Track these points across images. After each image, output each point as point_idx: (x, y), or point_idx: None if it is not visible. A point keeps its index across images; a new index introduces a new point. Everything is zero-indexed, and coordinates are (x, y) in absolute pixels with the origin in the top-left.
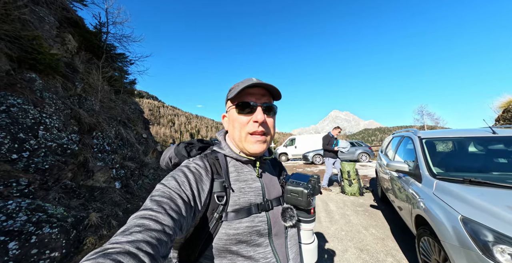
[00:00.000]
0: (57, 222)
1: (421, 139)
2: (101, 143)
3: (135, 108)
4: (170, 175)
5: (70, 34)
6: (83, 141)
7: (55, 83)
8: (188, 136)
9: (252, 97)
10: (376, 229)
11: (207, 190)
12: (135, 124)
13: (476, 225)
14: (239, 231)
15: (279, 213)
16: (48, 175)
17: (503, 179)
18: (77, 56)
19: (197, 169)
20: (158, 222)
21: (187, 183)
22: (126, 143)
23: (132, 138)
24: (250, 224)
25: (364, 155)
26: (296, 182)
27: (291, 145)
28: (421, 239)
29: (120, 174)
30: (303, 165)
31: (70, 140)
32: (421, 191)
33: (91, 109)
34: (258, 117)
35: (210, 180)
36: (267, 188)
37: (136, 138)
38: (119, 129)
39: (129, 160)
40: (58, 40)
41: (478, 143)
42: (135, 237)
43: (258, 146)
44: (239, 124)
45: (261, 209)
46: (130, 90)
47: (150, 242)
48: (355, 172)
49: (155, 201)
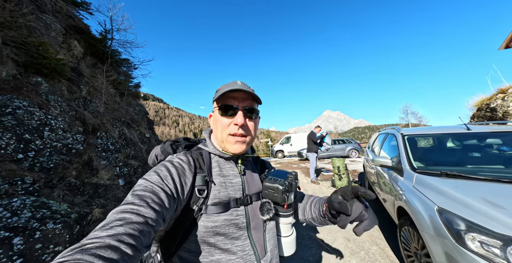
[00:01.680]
0: (61, 218)
1: (403, 136)
2: (105, 143)
3: (140, 110)
4: (153, 170)
5: (76, 40)
6: (88, 141)
7: (60, 86)
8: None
9: (234, 100)
10: None
11: (189, 183)
12: (138, 125)
13: (450, 215)
14: (217, 224)
15: (257, 207)
16: (53, 174)
17: (475, 172)
18: (82, 61)
19: (180, 164)
20: (140, 215)
21: (169, 177)
22: (129, 143)
23: (135, 138)
24: (228, 217)
25: (354, 151)
26: (273, 179)
27: (287, 143)
28: (402, 228)
29: (124, 172)
30: (298, 161)
31: (75, 140)
32: (402, 184)
33: (96, 111)
34: (238, 120)
35: (192, 174)
36: (248, 184)
37: (140, 137)
38: (123, 130)
39: (132, 159)
40: (64, 46)
41: (455, 139)
42: (116, 231)
43: (238, 146)
44: (221, 125)
45: (240, 203)
46: (135, 92)
47: (132, 234)
48: (345, 167)
49: (137, 196)
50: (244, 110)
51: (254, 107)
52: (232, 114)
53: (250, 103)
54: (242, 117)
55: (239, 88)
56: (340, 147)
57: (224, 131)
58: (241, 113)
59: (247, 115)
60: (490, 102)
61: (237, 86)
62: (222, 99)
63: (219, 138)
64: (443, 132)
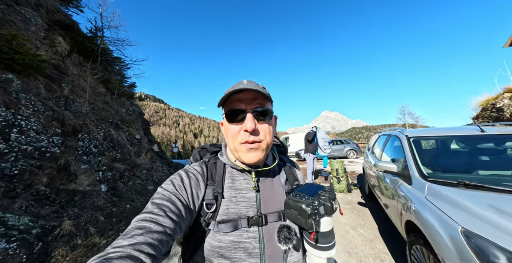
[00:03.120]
0: (17, 235)
1: (408, 138)
2: (87, 145)
3: (134, 110)
4: (169, 179)
5: (61, 37)
6: (67, 144)
7: (37, 84)
8: (191, 136)
9: (241, 103)
10: (364, 229)
11: (201, 196)
12: (129, 126)
13: (482, 242)
14: (221, 244)
15: (275, 231)
16: (16, 181)
17: (499, 182)
18: (68, 59)
19: (194, 174)
20: (159, 224)
21: (183, 187)
22: (116, 145)
23: (123, 140)
24: (236, 239)
25: (352, 152)
26: (300, 195)
27: (285, 143)
28: (413, 247)
29: (107, 176)
30: (297, 162)
31: (51, 143)
32: (411, 194)
33: (79, 111)
34: (247, 126)
35: (204, 186)
36: (264, 200)
37: (129, 139)
38: (109, 131)
39: (119, 162)
40: (46, 42)
41: (466, 142)
42: (137, 240)
43: (253, 155)
44: (231, 134)
45: (252, 223)
46: (129, 93)
47: (151, 244)
48: (343, 170)
49: (155, 204)
50: (253, 113)
51: (266, 107)
52: (241, 119)
53: (260, 103)
54: (252, 121)
55: (244, 88)
56: (338, 147)
57: (235, 140)
58: (251, 116)
59: (258, 118)
60: (496, 101)
61: (242, 85)
62: (228, 103)
63: (232, 148)
64: (455, 134)
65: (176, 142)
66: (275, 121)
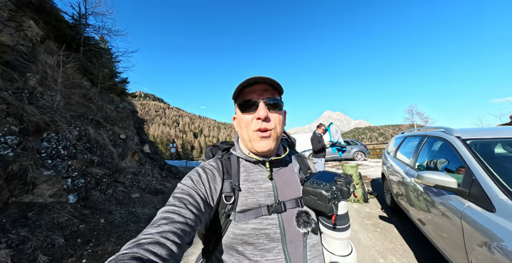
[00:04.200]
0: None
1: (463, 141)
2: (54, 147)
3: (124, 107)
4: (187, 175)
5: (32, 20)
6: (25, 145)
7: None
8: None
9: (253, 94)
10: (396, 256)
11: (219, 189)
12: (114, 124)
13: None
14: (244, 232)
15: (294, 217)
16: None
17: None
18: (41, 46)
19: (210, 170)
20: (181, 215)
21: (200, 182)
22: (94, 146)
23: (104, 140)
24: (257, 226)
25: (360, 153)
26: (317, 182)
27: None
28: None
29: (78, 184)
30: None
31: (3, 144)
32: (496, 226)
33: (48, 106)
34: (260, 114)
35: (221, 180)
36: (280, 188)
37: (112, 139)
38: (87, 129)
39: (97, 166)
40: (11, 25)
41: None
42: (163, 229)
43: (265, 143)
44: (244, 123)
45: (272, 211)
46: (120, 88)
47: (175, 232)
48: (359, 176)
49: (176, 198)
50: (265, 103)
51: (276, 98)
52: (254, 109)
53: (271, 94)
54: (264, 109)
55: (256, 79)
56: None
57: (248, 129)
58: (263, 105)
59: (269, 108)
60: None
61: (254, 77)
62: (241, 96)
63: (245, 138)
64: None
65: (173, 142)
66: (284, 115)
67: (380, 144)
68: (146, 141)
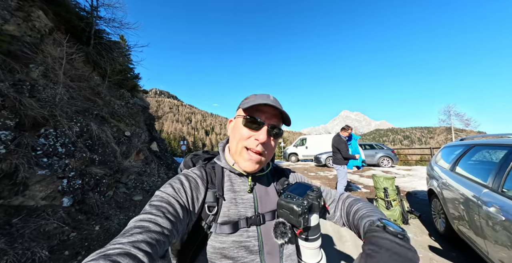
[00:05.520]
0: None
1: None
2: (51, 144)
3: (135, 103)
4: (168, 183)
5: (42, 11)
6: (20, 141)
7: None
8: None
9: (262, 115)
10: None
11: (201, 199)
12: (120, 120)
13: None
14: (224, 245)
15: (272, 228)
16: None
17: None
18: (49, 38)
19: (193, 178)
20: (157, 224)
21: (182, 190)
22: (96, 143)
23: (108, 137)
24: (237, 239)
25: (386, 159)
26: (290, 196)
27: (302, 145)
28: None
29: (75, 186)
30: (315, 167)
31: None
32: None
33: (50, 100)
34: (260, 137)
35: (205, 190)
36: (260, 200)
37: (115, 136)
38: (89, 125)
39: (98, 165)
40: (19, 15)
41: None
42: (136, 238)
43: (250, 164)
44: (240, 135)
45: (251, 223)
46: (131, 84)
47: (149, 242)
48: (396, 191)
49: (154, 206)
50: (269, 127)
51: (280, 127)
52: (256, 128)
53: (277, 122)
54: (265, 134)
55: (272, 104)
56: (368, 153)
57: (241, 142)
58: (266, 129)
59: (270, 133)
60: None
61: (269, 101)
62: (250, 110)
63: (233, 149)
64: None
65: (184, 140)
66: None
67: (406, 148)
68: (156, 138)
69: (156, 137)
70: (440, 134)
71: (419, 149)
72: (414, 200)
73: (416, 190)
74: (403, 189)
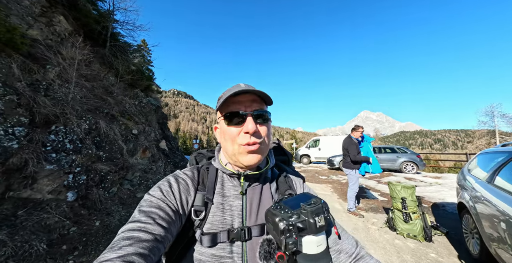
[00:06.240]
0: None
1: None
2: (60, 140)
3: (148, 102)
4: (157, 185)
5: (63, 16)
6: (32, 137)
7: (9, 62)
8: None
9: (240, 105)
10: None
11: (191, 201)
12: (130, 118)
13: None
14: (202, 258)
15: (258, 246)
16: None
17: None
18: (68, 41)
19: (183, 179)
20: (148, 232)
21: (171, 192)
22: (104, 140)
23: (115, 134)
24: (217, 253)
25: (410, 164)
26: (280, 207)
27: (315, 147)
28: None
29: (80, 181)
30: (327, 170)
31: (9, 135)
32: None
33: (63, 99)
34: (249, 127)
35: (194, 192)
36: (250, 210)
37: (123, 134)
38: (98, 123)
39: (105, 161)
40: (42, 20)
41: None
42: (126, 251)
43: (252, 156)
44: (229, 136)
45: (233, 237)
46: (144, 83)
47: (141, 253)
48: (416, 201)
49: (143, 212)
50: (253, 116)
51: (264, 110)
52: (240, 121)
53: (258, 106)
54: (253, 123)
55: (243, 90)
56: (388, 157)
57: (234, 142)
58: (251, 119)
59: (257, 121)
60: None
61: (239, 88)
62: (226, 106)
63: (230, 152)
64: None
65: (196, 138)
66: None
67: (438, 153)
68: (169, 136)
69: (168, 136)
70: (481, 137)
71: (453, 155)
72: (441, 214)
73: (444, 202)
74: (429, 199)
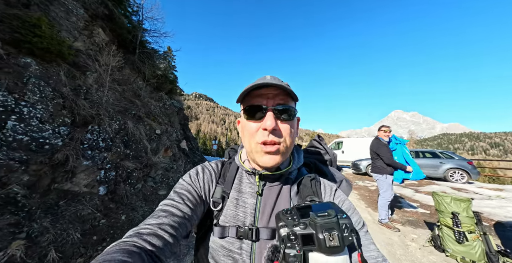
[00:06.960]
0: None
1: None
2: (95, 139)
3: (171, 104)
4: (188, 172)
5: (101, 28)
6: (73, 136)
7: (58, 70)
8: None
9: (262, 99)
10: None
11: (212, 192)
12: (154, 119)
13: None
14: (214, 246)
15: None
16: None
17: None
18: (105, 50)
19: (209, 170)
20: (179, 209)
21: (197, 179)
22: (131, 140)
23: (141, 134)
24: (226, 246)
25: (458, 172)
26: (291, 213)
27: (337, 149)
28: None
29: (109, 177)
30: (352, 175)
31: (56, 134)
32: None
33: (99, 102)
34: (267, 124)
35: (215, 184)
36: (263, 211)
37: (148, 134)
38: (126, 124)
39: (132, 159)
40: (85, 33)
41: None
42: (162, 221)
43: (269, 158)
44: (248, 132)
45: (240, 235)
46: (168, 87)
47: (173, 225)
48: (474, 219)
49: (176, 193)
50: (274, 110)
51: (288, 105)
52: (261, 117)
53: (282, 100)
54: (272, 119)
55: (267, 83)
56: (428, 163)
57: (252, 139)
58: (271, 114)
59: (279, 117)
60: None
61: (265, 80)
62: (248, 99)
63: (248, 148)
64: None
65: (215, 139)
66: (297, 122)
67: (495, 160)
68: (189, 137)
69: (189, 136)
70: None
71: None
72: (509, 235)
73: (511, 220)
74: (489, 216)
